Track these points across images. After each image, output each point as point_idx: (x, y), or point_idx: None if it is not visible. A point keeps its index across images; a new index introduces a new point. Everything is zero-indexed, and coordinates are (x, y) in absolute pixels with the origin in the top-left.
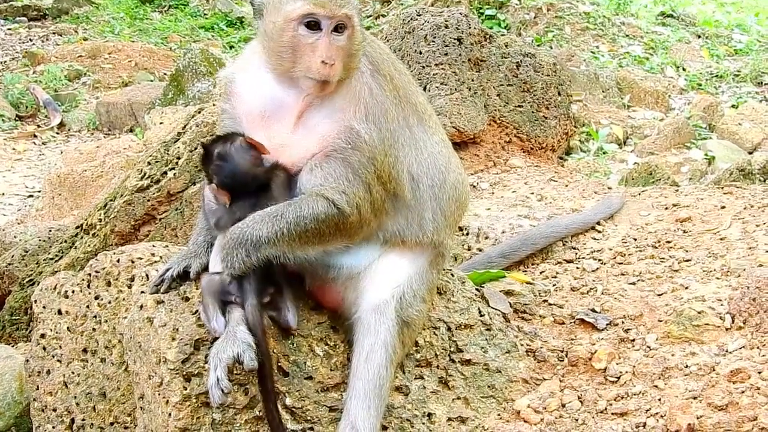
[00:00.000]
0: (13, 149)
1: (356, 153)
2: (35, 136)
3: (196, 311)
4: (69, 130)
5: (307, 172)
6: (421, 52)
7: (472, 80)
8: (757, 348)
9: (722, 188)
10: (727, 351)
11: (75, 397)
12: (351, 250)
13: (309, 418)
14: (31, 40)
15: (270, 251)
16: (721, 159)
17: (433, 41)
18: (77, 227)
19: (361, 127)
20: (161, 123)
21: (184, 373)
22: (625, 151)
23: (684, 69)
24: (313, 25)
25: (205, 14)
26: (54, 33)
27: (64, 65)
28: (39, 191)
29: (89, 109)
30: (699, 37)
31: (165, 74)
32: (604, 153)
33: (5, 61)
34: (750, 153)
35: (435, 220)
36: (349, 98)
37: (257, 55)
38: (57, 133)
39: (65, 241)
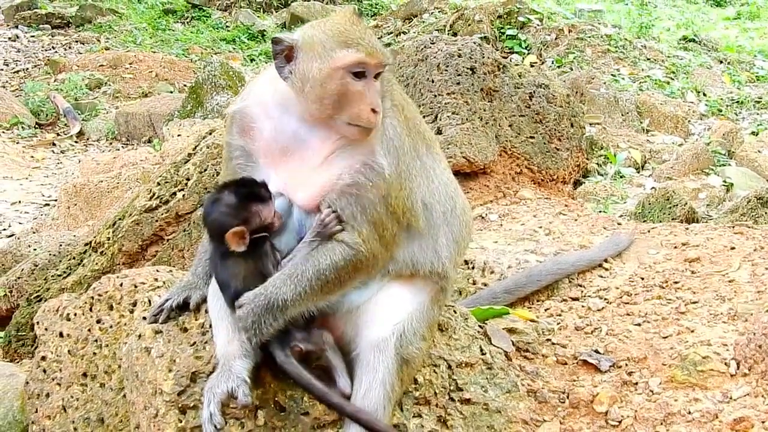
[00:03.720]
0: (32, 157)
1: (374, 190)
2: (54, 144)
3: (194, 343)
4: (88, 139)
5: (325, 209)
6: (433, 81)
7: (484, 110)
8: (762, 396)
9: (733, 228)
10: (731, 398)
11: (73, 422)
12: None
13: None
14: (53, 47)
15: (296, 311)
16: (739, 186)
17: (446, 70)
18: (86, 244)
19: (384, 162)
20: (179, 135)
21: (180, 405)
22: (643, 176)
23: (705, 94)
24: (360, 73)
25: (227, 26)
26: (76, 41)
27: (85, 74)
28: (55, 200)
29: (108, 118)
30: (721, 62)
31: (185, 86)
32: (621, 177)
33: (27, 69)
34: None
35: (448, 246)
36: (374, 134)
37: (277, 92)
38: (76, 142)
39: (73, 258)
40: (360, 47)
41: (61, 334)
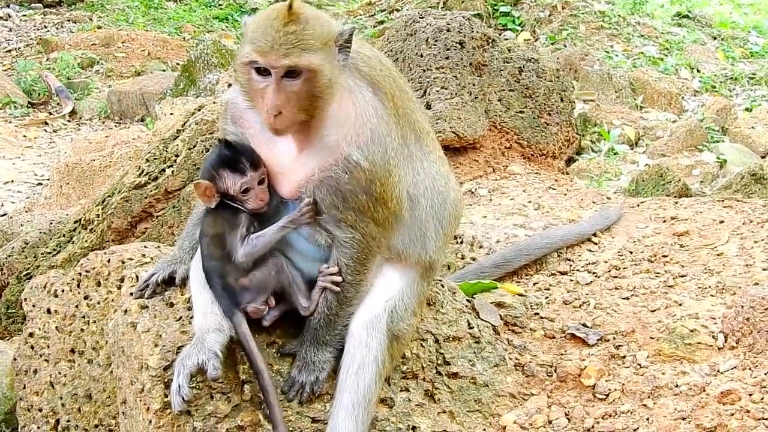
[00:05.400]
0: (24, 136)
1: (353, 181)
2: (46, 123)
3: (180, 317)
4: (80, 118)
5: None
6: (422, 56)
7: (473, 85)
8: (749, 369)
9: (722, 201)
10: (718, 371)
11: (61, 397)
12: None
13: (291, 428)
14: (45, 26)
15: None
16: (733, 162)
17: (435, 44)
18: (76, 222)
19: (362, 153)
20: (172, 114)
21: (166, 380)
22: (637, 153)
23: (698, 70)
24: (263, 71)
25: (219, 4)
26: (68, 20)
27: (77, 53)
28: (48, 179)
29: (101, 97)
30: (715, 38)
31: (177, 64)
32: (615, 154)
33: (19, 48)
34: (762, 157)
35: (437, 239)
36: (354, 119)
37: None
38: (68, 121)
39: (63, 236)
40: (257, 44)
41: (48, 311)
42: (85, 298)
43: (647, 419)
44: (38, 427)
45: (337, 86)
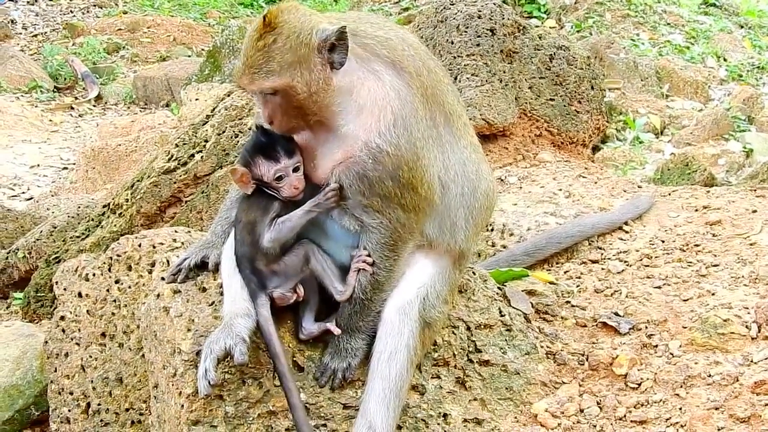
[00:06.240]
0: (50, 120)
1: (378, 167)
2: (72, 108)
3: (213, 302)
4: (106, 103)
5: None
6: (453, 42)
7: (504, 72)
8: None
9: (755, 190)
10: (751, 361)
11: (92, 381)
12: None
13: (323, 414)
14: (71, 11)
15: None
16: (759, 152)
17: (466, 31)
18: (104, 206)
19: (384, 138)
20: (197, 99)
21: (199, 364)
22: (662, 141)
23: (725, 59)
24: None
25: None
26: (94, 5)
27: (103, 38)
28: (74, 164)
29: (126, 82)
30: (742, 27)
31: (202, 50)
32: (640, 142)
33: (45, 33)
34: None
35: (467, 228)
36: (371, 106)
37: None
38: (94, 106)
39: (92, 220)
40: (236, 65)
41: (80, 294)
42: (116, 282)
43: (680, 409)
44: (69, 410)
45: (333, 88)
